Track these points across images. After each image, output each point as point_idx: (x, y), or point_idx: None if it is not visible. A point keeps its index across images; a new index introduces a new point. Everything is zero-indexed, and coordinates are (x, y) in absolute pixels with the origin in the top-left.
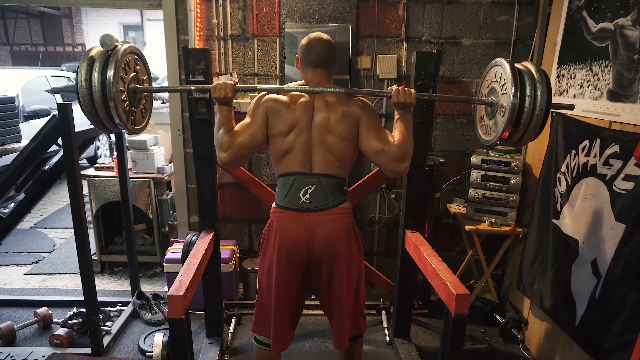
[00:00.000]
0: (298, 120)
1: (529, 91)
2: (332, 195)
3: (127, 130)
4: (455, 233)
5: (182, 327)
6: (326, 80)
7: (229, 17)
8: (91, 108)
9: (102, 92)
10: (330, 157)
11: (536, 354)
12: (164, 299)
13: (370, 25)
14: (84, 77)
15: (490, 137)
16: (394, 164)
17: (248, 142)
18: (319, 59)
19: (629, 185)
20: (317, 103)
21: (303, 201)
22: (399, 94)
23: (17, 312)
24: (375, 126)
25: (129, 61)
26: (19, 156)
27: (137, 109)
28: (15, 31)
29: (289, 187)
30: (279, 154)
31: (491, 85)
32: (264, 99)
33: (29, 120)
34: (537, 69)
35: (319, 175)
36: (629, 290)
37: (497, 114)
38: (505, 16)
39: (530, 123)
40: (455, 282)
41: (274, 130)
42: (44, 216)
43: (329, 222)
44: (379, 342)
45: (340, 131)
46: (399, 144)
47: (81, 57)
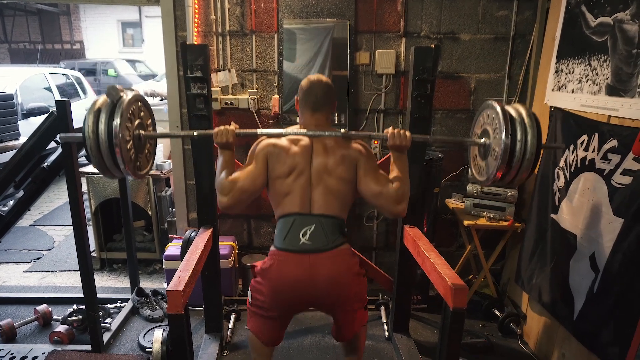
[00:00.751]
0: (297, 163)
1: (519, 136)
2: (332, 236)
3: (133, 176)
4: (454, 228)
5: (181, 322)
6: (325, 123)
7: (227, 13)
8: (98, 157)
9: (108, 142)
10: (329, 197)
11: (534, 349)
12: (164, 296)
13: (369, 20)
14: (91, 128)
15: (483, 178)
16: (392, 206)
17: (248, 187)
18: (319, 102)
19: (627, 180)
20: (316, 146)
21: (303, 242)
22: (395, 137)
23: (17, 310)
24: (373, 169)
25: (134, 109)
26: (17, 153)
27: (142, 154)
28: (13, 29)
29: (288, 227)
30: (279, 196)
31: (484, 127)
32: (264, 144)
33: (27, 118)
34: (527, 113)
35: (318, 216)
36: (627, 285)
37: (490, 156)
38: (504, 11)
39: (521, 166)
40: (454, 277)
41: (274, 173)
42: (43, 214)
43: (330, 264)
44: (377, 337)
45: (340, 173)
46: (396, 187)
47: (87, 110)
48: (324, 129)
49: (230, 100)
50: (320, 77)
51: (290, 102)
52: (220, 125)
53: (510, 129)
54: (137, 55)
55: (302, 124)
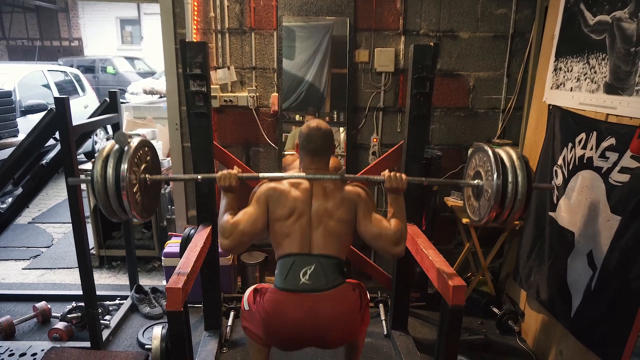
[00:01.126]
0: (297, 205)
1: (510, 178)
2: (332, 276)
3: (139, 219)
4: (453, 226)
5: (180, 319)
6: (324, 168)
7: (226, 10)
8: (105, 200)
9: (115, 186)
10: (329, 238)
11: (532, 346)
12: (163, 293)
13: (368, 18)
14: (100, 173)
15: (477, 218)
16: (390, 247)
17: (249, 230)
18: (318, 149)
19: (625, 178)
20: (316, 189)
21: (303, 282)
22: (391, 180)
23: (16, 307)
24: (372, 212)
25: (141, 154)
26: (16, 150)
27: (147, 196)
28: (11, 25)
29: (288, 267)
30: (279, 237)
31: (476, 169)
32: (265, 188)
33: (25, 115)
34: (518, 156)
35: (318, 256)
36: (624, 282)
37: (483, 197)
38: (503, 9)
39: (513, 206)
40: (452, 274)
41: (274, 215)
42: (42, 211)
43: (331, 306)
44: (376, 334)
45: (339, 216)
46: (394, 228)
47: (96, 155)
48: (323, 173)
49: (230, 97)
50: (319, 124)
51: (290, 99)
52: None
53: (502, 172)
54: (136, 52)
55: (302, 168)
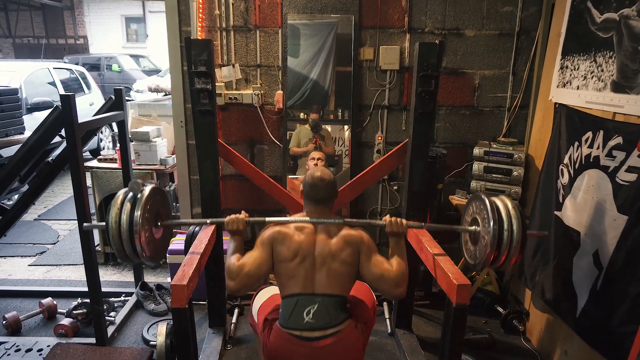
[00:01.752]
0: (301, 248)
1: (506, 226)
2: (335, 314)
3: (150, 262)
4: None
5: (185, 316)
6: (327, 214)
7: (231, 7)
8: (119, 245)
9: (129, 232)
10: (332, 279)
11: (537, 345)
12: (167, 290)
13: (373, 16)
14: (114, 219)
15: (474, 262)
16: (393, 288)
17: (254, 273)
18: (321, 197)
19: (632, 177)
20: (320, 232)
21: (307, 321)
22: (392, 225)
23: (22, 303)
24: (374, 254)
25: (152, 202)
26: (22, 147)
27: (158, 239)
28: (17, 23)
29: (292, 307)
30: (284, 278)
31: (473, 215)
32: (270, 232)
33: (32, 113)
34: (513, 206)
35: (321, 295)
36: (630, 282)
37: (480, 242)
38: (509, 7)
39: (509, 252)
40: (457, 273)
41: (279, 257)
42: (48, 208)
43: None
44: (380, 332)
45: (343, 258)
46: (396, 271)
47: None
48: (327, 217)
49: (234, 95)
50: (323, 174)
51: (294, 97)
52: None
53: (498, 220)
54: (141, 50)
55: (306, 213)
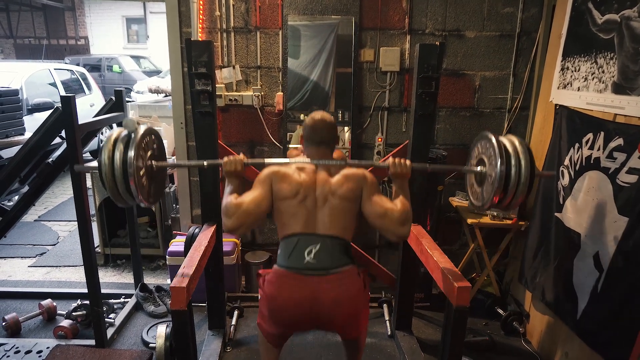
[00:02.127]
0: (303, 185)
1: (514, 162)
2: (338, 257)
3: (145, 204)
4: (457, 226)
5: (184, 318)
6: (329, 156)
7: (232, 9)
8: (112, 184)
9: (123, 171)
10: (334, 218)
11: (537, 347)
12: (167, 292)
13: (374, 17)
14: (107, 158)
15: (480, 203)
16: (396, 227)
17: (253, 210)
18: (323, 139)
19: (633, 179)
20: (320, 171)
21: (307, 261)
22: (395, 166)
23: (21, 304)
24: (377, 192)
25: (148, 141)
26: (22, 149)
27: (153, 182)
28: (18, 24)
29: (292, 246)
30: (284, 217)
31: (479, 156)
32: (270, 170)
33: (32, 114)
34: (520, 142)
35: (323, 236)
36: (631, 284)
37: (486, 182)
38: (509, 8)
39: (516, 192)
40: (457, 275)
41: (279, 194)
42: (48, 209)
43: (336, 288)
44: (380, 334)
45: (344, 193)
46: (400, 208)
47: (104, 142)
48: (328, 159)
49: (235, 97)
50: (324, 116)
51: (294, 99)
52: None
53: (505, 157)
54: (142, 51)
55: (306, 155)
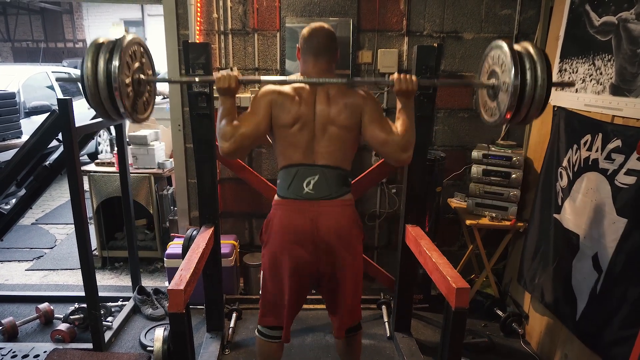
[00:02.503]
0: (302, 112)
1: (529, 67)
2: (336, 186)
3: (131, 119)
4: (456, 228)
5: (182, 321)
6: (327, 71)
7: (229, 11)
8: (96, 97)
9: (107, 82)
10: (332, 148)
11: (537, 348)
12: (165, 294)
13: (372, 19)
14: (90, 67)
15: (494, 119)
16: (398, 153)
17: (251, 132)
18: (322, 47)
19: (631, 180)
20: (319, 95)
21: (306, 192)
22: (401, 82)
23: (18, 308)
24: (379, 116)
25: (135, 51)
26: (19, 152)
27: (140, 100)
28: (16, 27)
29: (292, 177)
30: (283, 145)
31: (492, 68)
32: (267, 90)
33: (29, 117)
34: (534, 47)
35: (322, 167)
36: (630, 285)
37: (500, 94)
38: (507, 10)
39: (533, 100)
40: (456, 276)
41: (278, 121)
42: (45, 212)
43: (332, 213)
44: (379, 336)
45: (342, 122)
46: (402, 134)
47: (87, 48)
48: (328, 77)
49: None
50: (322, 24)
51: None
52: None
53: (520, 63)
54: None
55: (303, 72)
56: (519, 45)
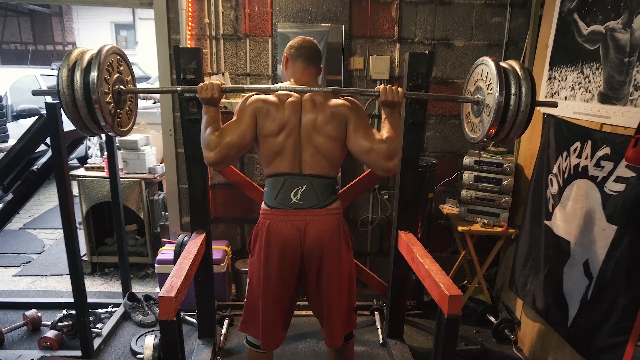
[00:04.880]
0: (287, 120)
1: (514, 89)
2: (323, 196)
3: (114, 133)
4: (448, 234)
5: (173, 329)
6: (315, 80)
7: (221, 16)
8: (75, 113)
9: (85, 95)
10: (319, 157)
11: (529, 354)
12: (156, 300)
13: (363, 25)
14: (66, 82)
15: (476, 135)
16: (383, 162)
17: (237, 142)
18: (312, 55)
19: (620, 187)
20: (305, 103)
21: (294, 202)
22: (387, 93)
23: (5, 315)
24: (364, 125)
25: (112, 62)
26: (6, 156)
27: (122, 111)
28: (4, 29)
29: (279, 187)
30: (269, 154)
31: (477, 84)
32: (252, 99)
33: (17, 120)
34: (521, 67)
35: (309, 176)
36: (620, 291)
37: (483, 112)
38: (497, 18)
39: (515, 120)
40: (448, 283)
41: (263, 131)
42: (33, 217)
43: (319, 221)
44: (372, 342)
45: (328, 131)
46: (387, 142)
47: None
48: (314, 86)
49: (224, 104)
50: (307, 37)
51: None
52: None
53: (505, 83)
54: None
55: (292, 78)
56: (506, 64)
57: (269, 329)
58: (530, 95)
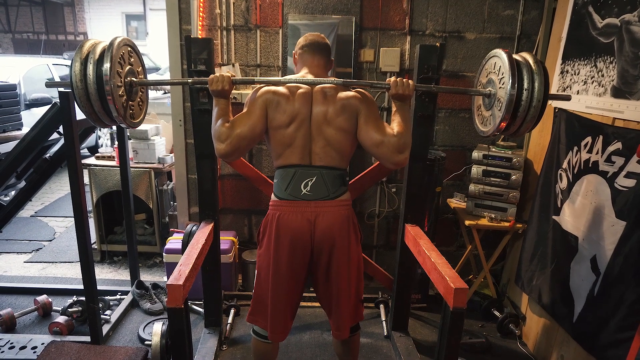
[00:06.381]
0: (298, 112)
1: (526, 84)
2: (333, 187)
3: (126, 125)
4: (455, 228)
5: (181, 316)
6: (324, 71)
7: (232, 7)
8: (88, 106)
9: (98, 89)
10: (329, 149)
11: (533, 350)
12: (163, 289)
13: (374, 17)
14: (79, 75)
15: (487, 128)
16: (393, 155)
17: (247, 133)
18: (319, 47)
19: (631, 183)
20: (316, 95)
21: (304, 193)
22: (397, 86)
23: (17, 300)
24: (374, 118)
25: (124, 54)
26: (20, 144)
27: (134, 102)
28: (17, 19)
29: (289, 179)
30: (280, 146)
31: (489, 76)
32: (262, 90)
33: (30, 109)
34: (535, 60)
35: (319, 167)
36: (628, 288)
37: (495, 106)
38: (510, 10)
39: (527, 115)
40: (454, 277)
41: (274, 122)
42: (45, 205)
43: (329, 213)
44: (376, 335)
45: (339, 123)
46: (398, 135)
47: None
48: (324, 77)
49: (234, 95)
50: (316, 33)
51: None
52: None
53: (517, 76)
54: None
55: (303, 69)
56: (519, 56)
57: (277, 320)
58: (542, 90)
